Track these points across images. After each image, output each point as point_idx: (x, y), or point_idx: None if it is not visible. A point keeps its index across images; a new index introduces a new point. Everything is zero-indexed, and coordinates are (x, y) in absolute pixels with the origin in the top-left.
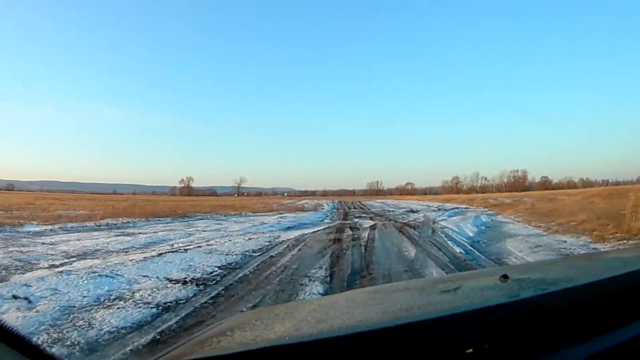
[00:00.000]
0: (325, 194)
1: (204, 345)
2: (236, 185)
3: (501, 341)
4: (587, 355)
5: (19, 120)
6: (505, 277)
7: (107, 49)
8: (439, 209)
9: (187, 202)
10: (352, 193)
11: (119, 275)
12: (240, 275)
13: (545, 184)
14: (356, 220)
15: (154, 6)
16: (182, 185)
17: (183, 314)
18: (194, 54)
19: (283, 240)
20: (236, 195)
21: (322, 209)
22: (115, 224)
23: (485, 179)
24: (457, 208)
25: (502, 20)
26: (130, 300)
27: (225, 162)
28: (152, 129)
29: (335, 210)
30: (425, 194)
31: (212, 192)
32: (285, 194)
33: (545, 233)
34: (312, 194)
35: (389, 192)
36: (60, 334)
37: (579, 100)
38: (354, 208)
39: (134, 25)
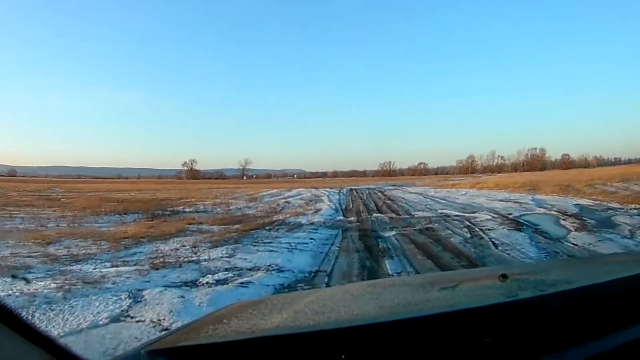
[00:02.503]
0: (336, 175)
1: (199, 332)
2: (241, 167)
3: (498, 341)
4: (584, 357)
5: (23, 106)
6: (504, 276)
7: (110, 32)
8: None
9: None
10: (363, 174)
11: None
12: None
13: (566, 163)
14: None
15: None
16: (186, 168)
17: None
18: (201, 37)
19: None
20: (244, 177)
21: (316, 213)
22: None
23: (502, 157)
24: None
25: None
26: None
27: (235, 144)
28: (161, 112)
29: (338, 228)
30: (437, 173)
31: (219, 174)
32: (295, 176)
33: None
34: (323, 175)
35: (401, 173)
36: None
37: (595, 76)
38: (378, 211)
39: (140, 9)
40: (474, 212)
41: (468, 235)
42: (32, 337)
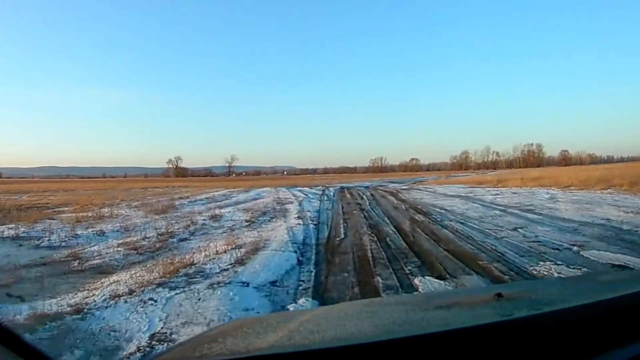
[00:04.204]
0: (326, 171)
1: (195, 351)
2: (227, 164)
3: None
4: None
5: (11, 106)
6: (499, 295)
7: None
8: None
9: None
10: (354, 170)
11: None
12: None
13: (565, 159)
14: None
15: None
16: (171, 166)
17: None
18: (192, 34)
19: None
20: (234, 174)
21: (242, 268)
22: None
23: (497, 153)
24: None
25: None
26: None
27: (226, 141)
28: (150, 110)
29: None
30: (429, 170)
31: (208, 172)
32: (285, 173)
33: None
34: (313, 172)
35: (392, 169)
36: None
37: (590, 72)
38: (419, 259)
39: (132, 6)
40: None
41: None
42: (3, 340)
